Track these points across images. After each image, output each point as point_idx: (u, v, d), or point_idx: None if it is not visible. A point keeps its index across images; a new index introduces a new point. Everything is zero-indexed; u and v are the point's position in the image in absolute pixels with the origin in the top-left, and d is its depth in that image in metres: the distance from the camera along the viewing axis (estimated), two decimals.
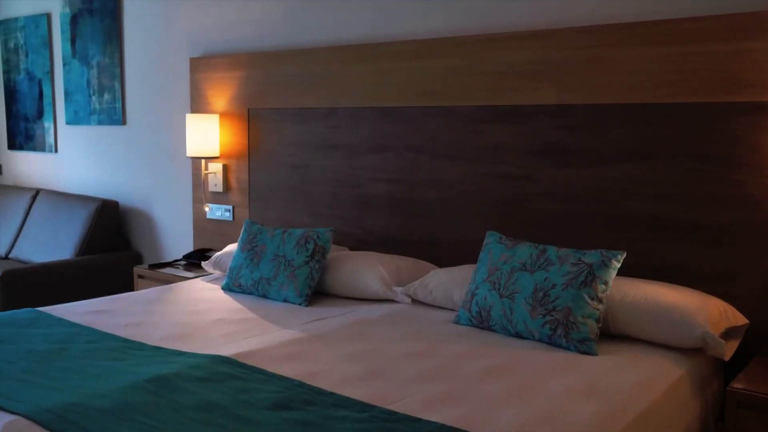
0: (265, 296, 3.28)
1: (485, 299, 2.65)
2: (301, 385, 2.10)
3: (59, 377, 2.20)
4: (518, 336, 2.58)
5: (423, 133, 3.41)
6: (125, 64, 4.82)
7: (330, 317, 2.93)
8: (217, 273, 3.76)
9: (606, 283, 2.49)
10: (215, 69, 4.22)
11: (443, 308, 2.97)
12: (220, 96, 4.21)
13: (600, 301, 2.47)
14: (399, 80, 3.46)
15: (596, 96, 2.91)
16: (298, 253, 3.24)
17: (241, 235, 3.52)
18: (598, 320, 2.45)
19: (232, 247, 3.74)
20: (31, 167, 5.73)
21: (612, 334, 2.56)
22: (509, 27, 3.14)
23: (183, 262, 4.24)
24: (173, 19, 4.48)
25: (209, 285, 3.55)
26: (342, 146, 3.71)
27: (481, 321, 2.67)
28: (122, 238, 4.93)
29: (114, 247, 4.84)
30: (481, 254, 2.80)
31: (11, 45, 5.69)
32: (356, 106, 3.62)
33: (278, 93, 3.93)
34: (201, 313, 3.01)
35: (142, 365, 2.30)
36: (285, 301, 3.20)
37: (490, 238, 2.81)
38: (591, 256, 2.53)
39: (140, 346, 2.52)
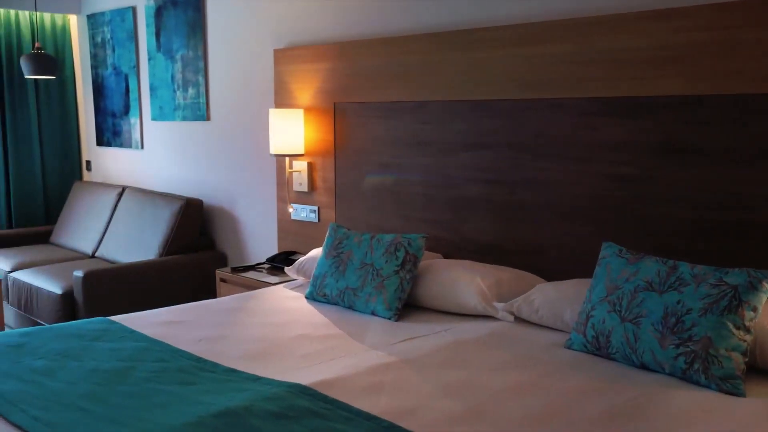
0: (351, 308, 3.00)
1: (603, 322, 2.28)
2: (391, 428, 1.80)
3: (120, 405, 1.98)
4: (644, 368, 2.19)
5: (525, 129, 3.04)
6: (209, 57, 4.64)
7: (422, 336, 2.62)
8: (300, 279, 3.52)
9: (755, 309, 2.07)
10: (300, 60, 3.97)
11: (551, 329, 2.61)
12: (305, 89, 3.95)
13: (747, 330, 2.06)
14: (498, 70, 3.10)
15: (731, 85, 2.47)
16: (387, 261, 2.95)
17: (326, 239, 3.25)
18: (745, 353, 2.05)
19: (316, 252, 3.48)
20: (118, 164, 5.67)
21: (759, 368, 2.15)
22: (629, 6, 2.73)
23: (266, 266, 4.03)
24: (257, 8, 4.26)
25: (292, 293, 3.30)
26: (434, 143, 3.38)
27: (598, 347, 2.30)
28: (206, 238, 4.77)
29: (198, 247, 4.68)
30: (598, 269, 2.42)
31: (98, 40, 5.63)
32: (450, 99, 3.29)
33: (365, 86, 3.64)
34: (282, 327, 2.76)
35: (211, 392, 2.06)
36: (373, 314, 2.91)
37: (608, 251, 2.43)
38: (735, 277, 2.12)
39: (212, 368, 2.28)
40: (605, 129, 2.80)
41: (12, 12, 5.55)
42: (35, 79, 5.66)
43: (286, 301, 3.17)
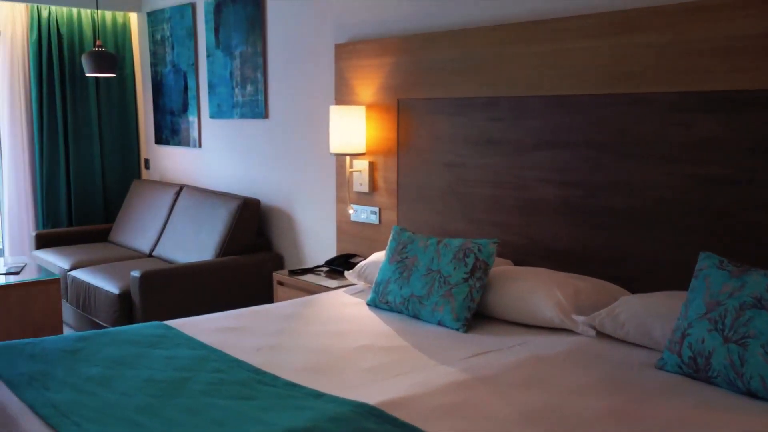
0: (416, 317, 2.82)
1: (702, 342, 2.04)
2: None
3: (176, 421, 1.84)
4: (751, 395, 1.95)
5: (607, 127, 2.82)
6: (268, 53, 4.52)
7: (495, 350, 2.42)
8: (361, 284, 3.36)
9: None
10: (362, 55, 3.81)
11: (638, 346, 2.39)
12: (367, 85, 3.79)
13: None
14: (577, 63, 2.88)
15: None
16: (455, 268, 2.76)
17: (389, 243, 3.08)
18: None
19: (378, 256, 3.31)
20: (176, 162, 5.61)
21: None
22: None
23: (325, 269, 3.88)
24: (318, 2, 4.11)
25: (353, 299, 3.14)
26: (505, 142, 3.18)
27: (695, 370, 2.06)
28: (263, 239, 4.66)
29: (255, 248, 4.57)
30: (694, 281, 2.19)
31: (158, 37, 5.58)
32: (523, 95, 3.08)
33: (431, 81, 3.46)
34: (343, 336, 2.60)
35: (271, 409, 1.90)
36: (440, 324, 2.73)
37: (707, 262, 2.19)
38: None
39: (272, 381, 2.13)
40: (699, 126, 2.56)
41: (74, 10, 5.55)
42: (96, 77, 5.64)
43: (346, 308, 3.01)
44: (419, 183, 3.58)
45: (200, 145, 5.28)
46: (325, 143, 4.12)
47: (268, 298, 4.34)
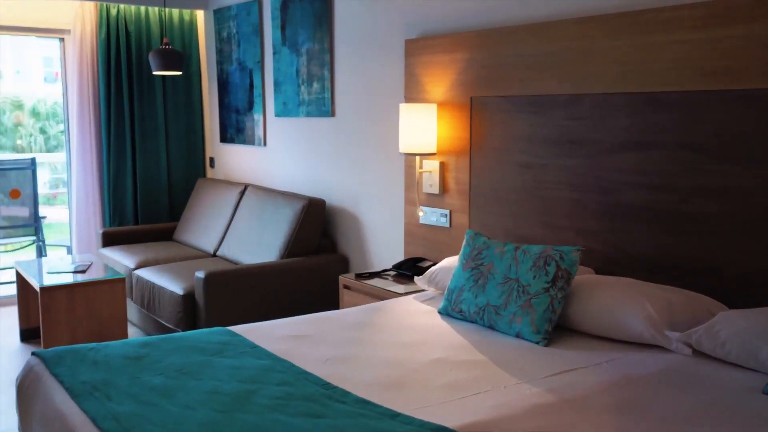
0: (492, 327, 2.66)
1: None
2: None
3: None
4: None
5: (703, 126, 2.59)
6: (335, 50, 4.41)
7: (581, 368, 2.24)
8: (431, 291, 3.21)
9: None
10: (433, 51, 3.65)
11: (741, 367, 2.17)
12: (439, 82, 3.64)
13: None
14: (670, 57, 2.66)
15: None
16: (535, 277, 2.58)
17: (462, 248, 2.92)
18: None
19: (450, 262, 3.15)
20: (241, 161, 5.56)
21: None
22: None
23: (393, 273, 3.74)
24: None
25: (424, 307, 3.00)
26: (588, 142, 2.98)
27: None
28: (328, 240, 4.55)
29: (319, 250, 4.46)
30: None
31: (224, 35, 5.54)
32: (608, 91, 2.88)
33: (507, 77, 3.28)
34: (416, 348, 2.45)
35: (344, 430, 1.77)
36: (518, 336, 2.56)
37: None
38: None
39: (343, 396, 2.00)
40: None
41: (142, 8, 5.55)
42: (162, 75, 5.63)
43: (417, 316, 2.86)
44: (493, 185, 3.40)
45: (265, 144, 5.21)
46: (394, 142, 3.98)
47: (333, 301, 4.23)
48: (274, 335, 2.61)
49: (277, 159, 5.10)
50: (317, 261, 4.34)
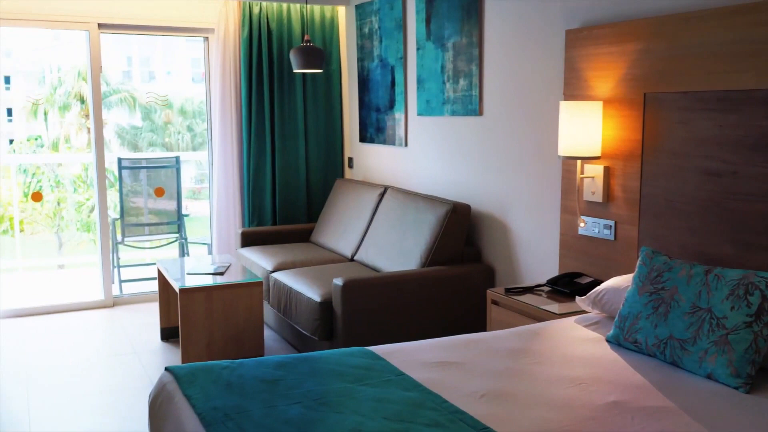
0: (675, 364, 2.25)
1: None
2: None
3: None
4: None
5: None
6: (485, 44, 4.08)
7: None
8: (595, 313, 2.82)
9: None
10: (599, 42, 3.25)
11: None
12: (605, 77, 3.23)
13: None
14: None
15: None
16: (733, 308, 2.15)
17: (637, 268, 2.52)
18: None
19: (620, 281, 2.76)
20: (381, 162, 5.34)
21: None
22: None
23: (546, 288, 3.38)
24: None
25: (588, 333, 2.62)
26: None
27: None
28: (473, 248, 4.23)
29: (463, 259, 4.16)
30: None
31: (365, 30, 5.34)
32: None
33: (691, 70, 2.83)
34: (586, 387, 2.10)
35: None
36: (710, 378, 2.14)
37: None
38: None
39: None
40: None
41: (284, 5, 5.46)
42: (302, 74, 5.52)
43: (582, 345, 2.50)
44: (669, 194, 2.96)
45: (406, 144, 4.96)
46: (549, 144, 3.61)
47: (477, 316, 3.92)
48: (420, 360, 2.33)
49: (418, 160, 4.84)
50: (461, 271, 4.04)
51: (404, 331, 3.82)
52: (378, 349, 2.42)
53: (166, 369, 2.24)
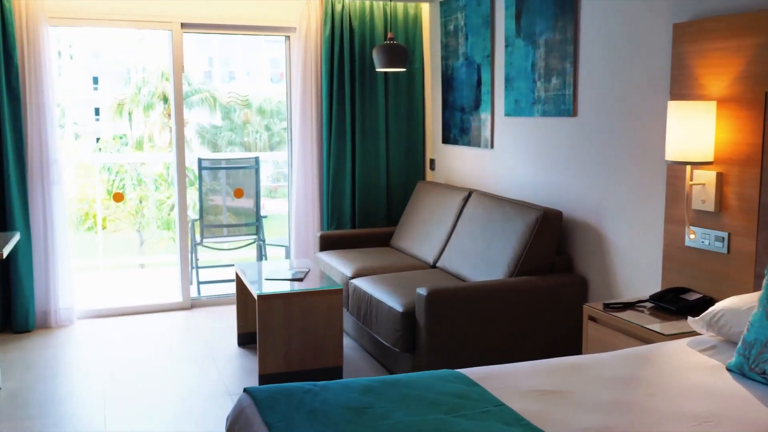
0: None
1: None
2: None
3: None
4: None
5: None
6: (580, 40, 3.83)
7: None
8: (709, 336, 2.55)
9: None
10: (712, 37, 2.96)
11: None
12: (719, 75, 2.94)
13: None
14: None
15: None
16: None
17: (764, 288, 2.25)
18: None
19: (740, 302, 2.48)
20: (465, 164, 5.13)
21: None
22: None
23: (649, 304, 3.11)
24: None
25: (705, 359, 2.36)
26: None
27: None
28: (564, 258, 3.98)
29: (554, 269, 3.91)
30: None
31: (450, 28, 5.13)
32: None
33: None
34: (710, 426, 1.85)
35: None
36: None
37: None
38: None
39: None
40: None
41: (367, 3, 5.31)
42: (385, 73, 5.36)
43: (699, 374, 2.24)
44: None
45: (492, 146, 4.74)
46: (652, 147, 3.33)
47: (570, 332, 3.68)
48: (519, 388, 2.12)
49: (505, 163, 4.61)
50: (551, 282, 3.80)
51: (490, 345, 3.61)
52: (472, 373, 2.23)
53: (245, 390, 2.10)
